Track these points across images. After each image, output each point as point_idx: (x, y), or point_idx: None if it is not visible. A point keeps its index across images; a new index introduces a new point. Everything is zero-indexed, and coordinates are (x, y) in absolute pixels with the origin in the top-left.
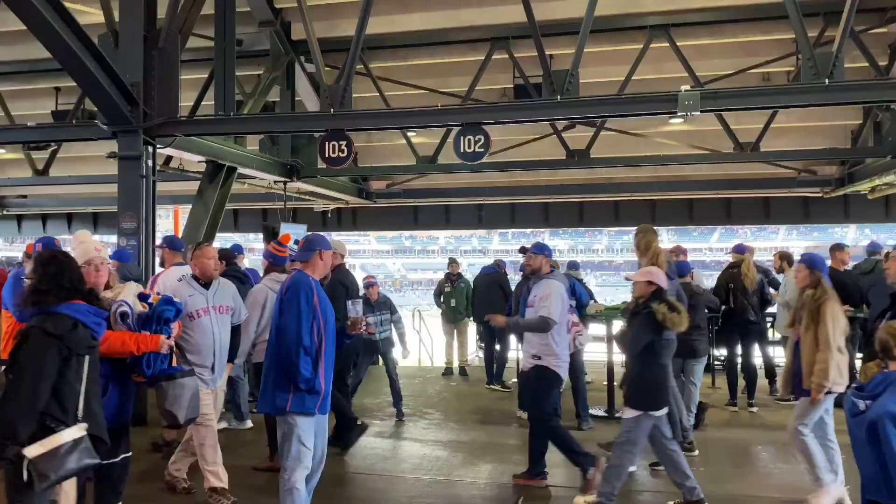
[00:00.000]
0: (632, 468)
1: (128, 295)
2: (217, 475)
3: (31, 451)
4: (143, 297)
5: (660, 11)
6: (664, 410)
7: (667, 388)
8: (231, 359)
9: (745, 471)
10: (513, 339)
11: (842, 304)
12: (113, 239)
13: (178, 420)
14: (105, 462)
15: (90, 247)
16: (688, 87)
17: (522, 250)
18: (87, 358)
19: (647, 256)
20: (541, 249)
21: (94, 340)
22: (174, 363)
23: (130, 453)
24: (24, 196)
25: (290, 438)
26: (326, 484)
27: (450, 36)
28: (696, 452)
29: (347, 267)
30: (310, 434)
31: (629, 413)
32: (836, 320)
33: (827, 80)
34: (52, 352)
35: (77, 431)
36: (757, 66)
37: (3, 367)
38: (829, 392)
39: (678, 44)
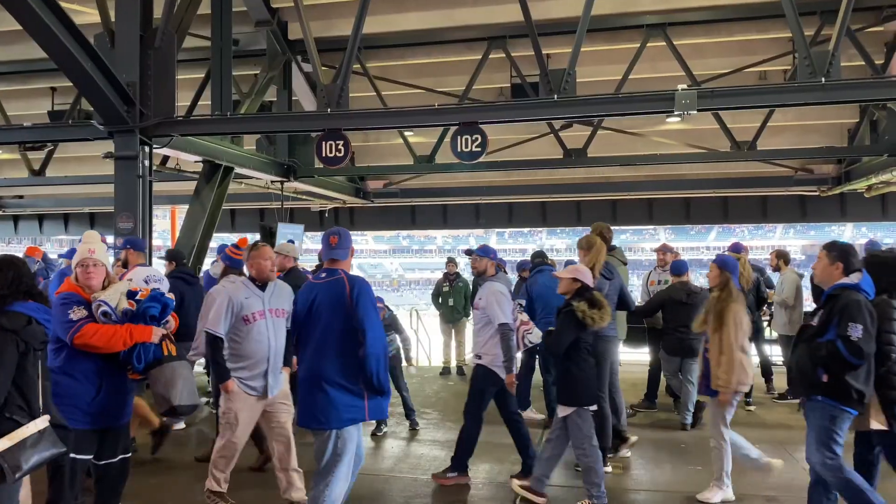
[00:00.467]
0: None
1: (111, 294)
2: (220, 482)
3: (1, 444)
4: (131, 295)
5: (656, 10)
6: (591, 406)
7: (594, 384)
8: (286, 363)
9: (743, 469)
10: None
11: None
12: (110, 239)
13: (172, 402)
14: (102, 462)
15: (85, 248)
16: (684, 86)
17: (468, 252)
18: (40, 354)
19: (588, 255)
20: (486, 252)
21: (47, 336)
22: (167, 353)
23: (130, 454)
24: (21, 196)
25: (342, 453)
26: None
27: (446, 35)
28: (631, 445)
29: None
30: (354, 442)
31: (564, 411)
32: (739, 323)
33: (823, 79)
34: (10, 347)
35: (41, 423)
36: (753, 65)
37: None
38: (735, 392)
39: (675, 43)
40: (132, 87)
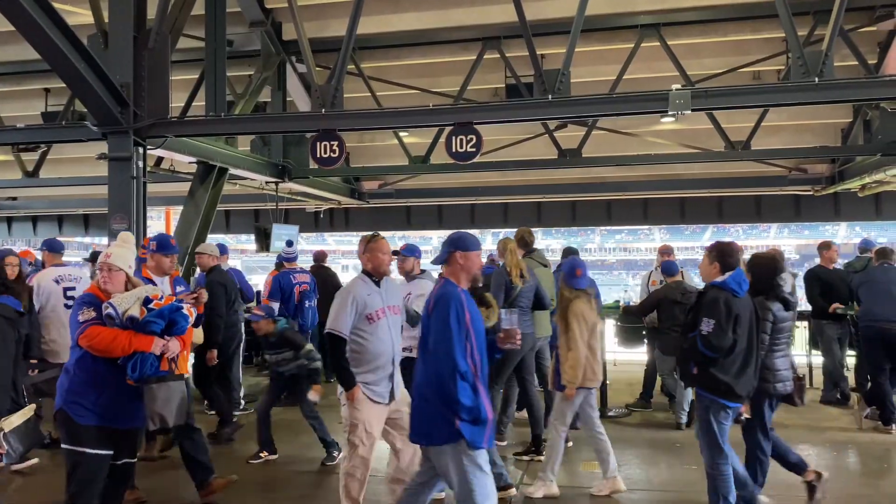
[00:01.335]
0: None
1: (126, 297)
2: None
3: (13, 421)
4: (146, 302)
5: (650, 10)
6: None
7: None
8: None
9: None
10: None
11: (830, 303)
12: (105, 241)
13: (168, 423)
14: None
15: (107, 251)
16: (678, 86)
17: (395, 253)
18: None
19: (503, 259)
20: (412, 252)
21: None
22: (164, 368)
23: (134, 459)
24: (15, 198)
25: (464, 469)
26: (320, 483)
27: (441, 36)
28: (505, 442)
29: (329, 266)
30: (485, 461)
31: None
32: (581, 320)
33: (817, 79)
34: (9, 332)
35: (30, 410)
36: (747, 65)
37: None
38: (581, 387)
39: (669, 43)
40: (126, 87)
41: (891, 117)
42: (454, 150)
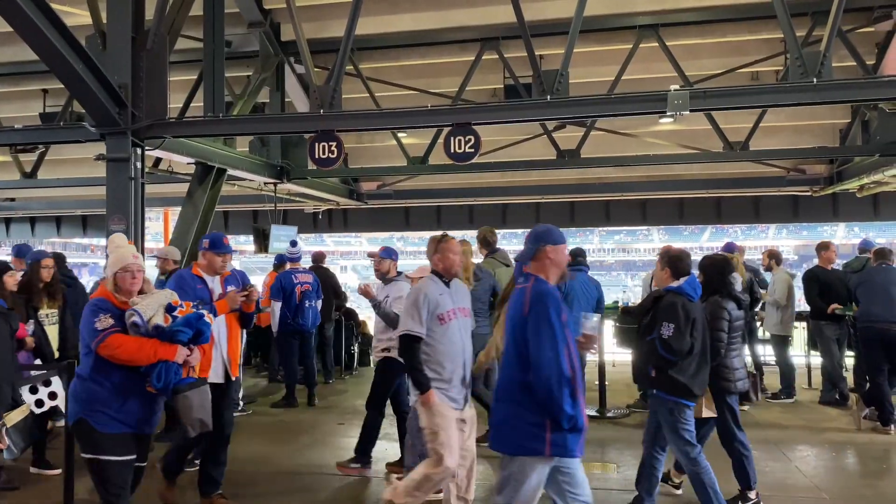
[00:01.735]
0: None
1: (150, 304)
2: None
3: (13, 416)
4: (170, 309)
5: (649, 11)
6: None
7: None
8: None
9: None
10: None
11: (828, 303)
12: (103, 242)
13: (208, 426)
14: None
15: (127, 252)
16: (677, 87)
17: (371, 255)
18: None
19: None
20: (388, 254)
21: None
22: (185, 375)
23: (144, 464)
24: (12, 199)
25: (521, 483)
26: (318, 485)
27: (440, 36)
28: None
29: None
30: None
31: (414, 398)
32: None
33: (815, 79)
34: (4, 327)
35: (28, 407)
36: (746, 66)
37: None
38: None
39: (667, 43)
40: (124, 88)
41: (889, 118)
42: (453, 150)
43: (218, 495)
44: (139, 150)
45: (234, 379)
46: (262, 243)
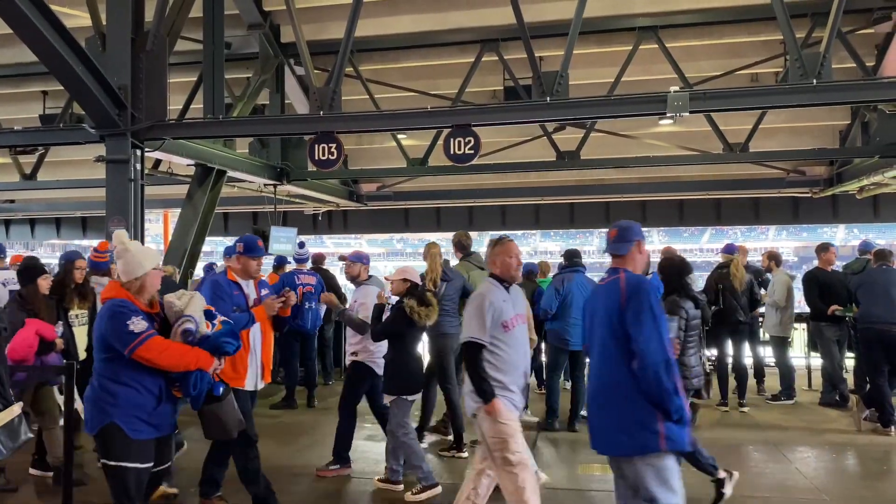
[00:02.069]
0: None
1: (195, 309)
2: None
3: (2, 417)
4: (209, 316)
5: (648, 13)
6: (416, 396)
7: (416, 375)
8: None
9: (737, 470)
10: None
11: (828, 304)
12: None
13: (244, 425)
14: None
15: (155, 251)
16: (677, 88)
17: (341, 258)
18: None
19: (426, 261)
20: (358, 258)
21: None
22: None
23: (167, 464)
24: (12, 201)
25: (660, 484)
26: (314, 488)
27: (439, 38)
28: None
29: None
30: (677, 474)
31: (387, 399)
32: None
33: (815, 81)
34: None
35: (18, 407)
36: (745, 67)
37: None
38: None
39: (667, 45)
40: (123, 90)
41: (889, 119)
42: (452, 152)
43: (217, 497)
44: (139, 152)
45: (264, 385)
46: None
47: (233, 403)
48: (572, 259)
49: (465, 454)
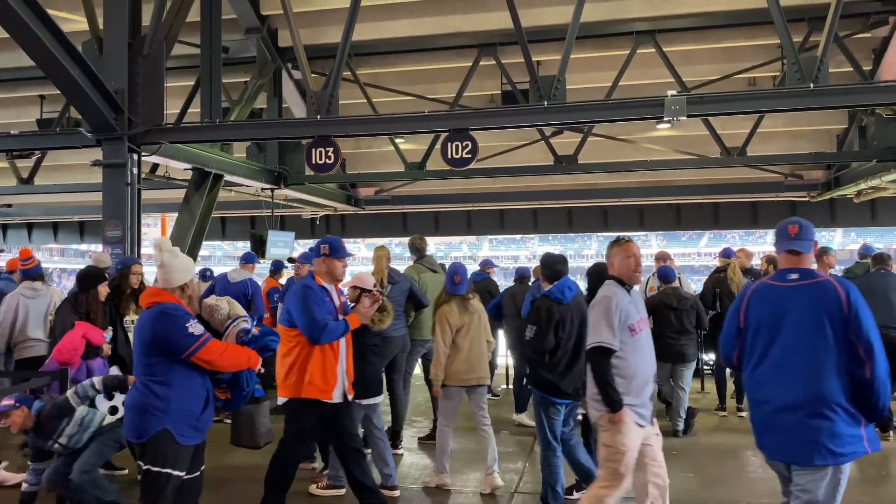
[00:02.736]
0: None
1: (240, 311)
2: None
3: None
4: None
5: (646, 17)
6: (376, 399)
7: (376, 380)
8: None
9: (736, 476)
10: (502, 344)
11: None
12: (100, 248)
13: (271, 435)
14: (188, 476)
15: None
16: (674, 93)
17: (291, 260)
18: None
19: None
20: (307, 259)
21: None
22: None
23: (203, 468)
24: (9, 205)
25: (838, 492)
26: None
27: (437, 42)
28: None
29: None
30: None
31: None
32: (443, 323)
33: (812, 85)
34: None
35: None
36: (743, 72)
37: None
38: (454, 385)
39: (664, 49)
40: (121, 94)
41: (886, 123)
42: (450, 156)
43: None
44: (136, 156)
45: (350, 398)
46: (259, 249)
47: (268, 410)
48: (555, 266)
49: (401, 451)
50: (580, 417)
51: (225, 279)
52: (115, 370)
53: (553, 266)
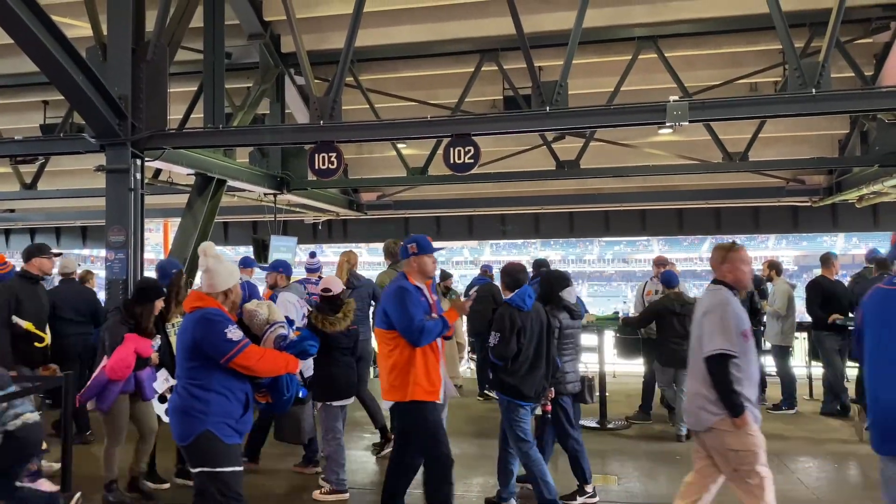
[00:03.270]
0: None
1: (279, 316)
2: None
3: None
4: (288, 323)
5: (647, 23)
6: (347, 401)
7: (347, 382)
8: None
9: None
10: None
11: (831, 313)
12: (103, 253)
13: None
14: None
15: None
16: (676, 98)
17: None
18: None
19: (341, 269)
20: (274, 267)
21: None
22: None
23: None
24: (12, 210)
25: None
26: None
27: (439, 48)
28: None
29: None
30: None
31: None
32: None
33: (814, 90)
34: None
35: None
36: (744, 77)
37: None
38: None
39: (666, 55)
40: (124, 100)
41: (888, 129)
42: (452, 161)
43: None
44: (139, 161)
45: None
46: (262, 254)
47: (311, 408)
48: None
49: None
50: (539, 412)
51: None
52: (162, 374)
53: (514, 275)
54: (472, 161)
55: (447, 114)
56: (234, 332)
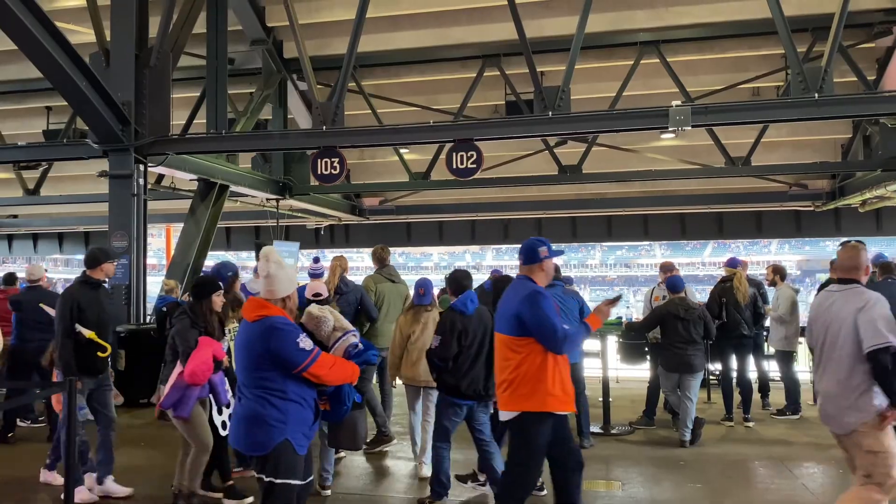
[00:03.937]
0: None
1: (346, 324)
2: None
3: None
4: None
5: (649, 28)
6: None
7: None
8: None
9: (743, 486)
10: None
11: None
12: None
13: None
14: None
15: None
16: (678, 103)
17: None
18: None
19: (333, 274)
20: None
21: None
22: None
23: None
24: (15, 216)
25: None
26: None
27: (441, 53)
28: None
29: None
30: None
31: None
32: (397, 330)
33: (816, 95)
34: None
35: None
36: (747, 82)
37: None
38: (410, 384)
39: (668, 60)
40: (127, 105)
41: (891, 133)
42: (454, 166)
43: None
44: (142, 167)
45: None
46: None
47: (366, 413)
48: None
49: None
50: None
51: (244, 288)
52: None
53: (459, 281)
54: (474, 166)
55: (449, 119)
56: (305, 342)
